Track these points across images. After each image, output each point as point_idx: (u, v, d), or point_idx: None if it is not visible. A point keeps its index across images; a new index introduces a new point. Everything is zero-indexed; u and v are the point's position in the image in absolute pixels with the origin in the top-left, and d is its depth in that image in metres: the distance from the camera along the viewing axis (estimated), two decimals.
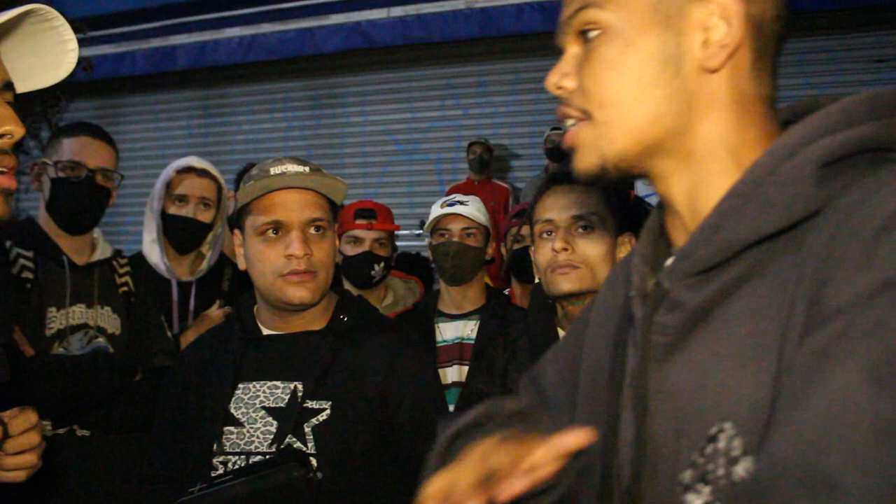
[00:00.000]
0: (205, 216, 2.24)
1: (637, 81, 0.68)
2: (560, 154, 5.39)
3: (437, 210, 2.28)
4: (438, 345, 2.21)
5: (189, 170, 2.24)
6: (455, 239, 2.22)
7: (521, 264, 2.49)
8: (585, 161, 0.72)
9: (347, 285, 2.39)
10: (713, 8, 0.67)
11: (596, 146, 0.71)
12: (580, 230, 1.42)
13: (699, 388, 0.64)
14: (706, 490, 0.62)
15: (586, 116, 0.71)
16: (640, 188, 5.04)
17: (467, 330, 2.21)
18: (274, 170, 1.39)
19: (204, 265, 2.31)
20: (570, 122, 0.73)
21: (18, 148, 0.97)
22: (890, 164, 0.61)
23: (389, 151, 6.41)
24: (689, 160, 0.70)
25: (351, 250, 2.35)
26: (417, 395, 1.41)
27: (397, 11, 5.70)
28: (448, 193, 4.51)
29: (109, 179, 1.92)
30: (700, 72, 0.68)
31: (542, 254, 1.43)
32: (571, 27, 0.73)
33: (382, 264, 2.38)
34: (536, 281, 1.52)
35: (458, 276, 2.22)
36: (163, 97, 7.01)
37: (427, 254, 2.63)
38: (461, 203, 2.26)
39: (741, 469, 0.59)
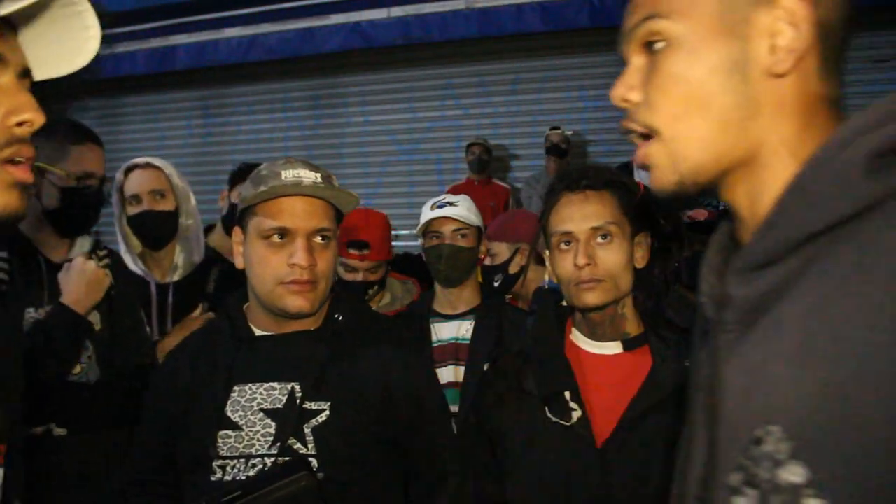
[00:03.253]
0: (161, 206, 2.26)
1: (704, 91, 0.68)
2: (561, 151, 5.39)
3: (427, 213, 2.27)
4: (433, 345, 2.21)
5: (133, 168, 2.28)
6: (447, 241, 2.21)
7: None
8: (663, 180, 0.72)
9: None
10: (780, 13, 0.66)
11: (670, 163, 0.71)
12: (600, 241, 1.39)
13: (749, 388, 0.64)
14: (752, 493, 0.61)
15: (652, 132, 0.71)
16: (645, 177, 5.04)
17: (462, 330, 2.21)
18: (286, 174, 1.36)
19: (177, 262, 2.32)
20: (633, 134, 0.73)
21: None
22: None
23: (389, 151, 6.41)
24: (754, 166, 0.69)
25: (345, 275, 2.32)
26: (420, 394, 1.42)
27: (397, 11, 5.69)
28: (448, 193, 4.50)
29: (106, 185, 1.95)
30: (767, 77, 0.67)
31: (563, 267, 1.41)
32: (636, 38, 0.72)
33: (376, 287, 2.40)
34: (545, 284, 1.51)
35: (451, 277, 2.22)
36: (163, 97, 7.01)
37: None
38: (451, 204, 2.25)
39: (787, 473, 0.59)
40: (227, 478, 1.32)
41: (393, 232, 2.53)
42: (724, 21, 0.67)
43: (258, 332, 1.43)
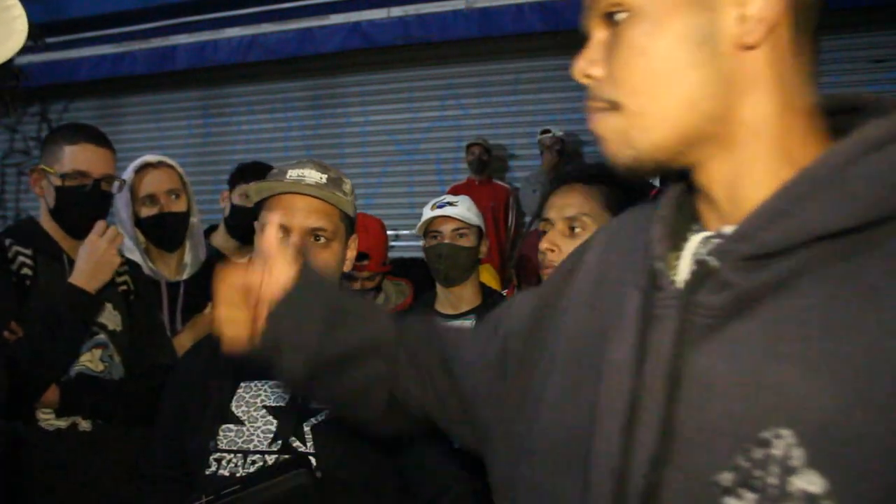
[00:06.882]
0: (178, 206, 2.25)
1: (670, 65, 0.64)
2: (554, 153, 5.39)
3: (427, 212, 2.30)
4: None
5: (146, 166, 2.25)
6: (446, 240, 2.23)
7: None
8: (618, 154, 0.68)
9: None
10: None
11: (626, 138, 0.66)
12: (573, 230, 1.48)
13: (747, 384, 0.59)
14: (750, 496, 0.57)
15: (615, 107, 0.67)
16: None
17: None
18: (291, 173, 1.40)
19: (187, 260, 2.32)
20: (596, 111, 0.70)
21: None
22: None
23: (389, 151, 6.41)
24: (729, 146, 0.65)
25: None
26: None
27: (397, 11, 5.69)
28: (448, 193, 4.51)
29: (111, 184, 1.93)
30: (737, 49, 0.63)
31: (539, 250, 1.51)
32: (597, 10, 0.69)
33: (373, 293, 2.51)
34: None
35: (451, 276, 2.23)
36: (163, 97, 7.01)
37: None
38: (451, 204, 2.28)
39: (802, 481, 0.55)
40: (223, 472, 1.34)
41: (393, 232, 2.57)
42: None
43: None
